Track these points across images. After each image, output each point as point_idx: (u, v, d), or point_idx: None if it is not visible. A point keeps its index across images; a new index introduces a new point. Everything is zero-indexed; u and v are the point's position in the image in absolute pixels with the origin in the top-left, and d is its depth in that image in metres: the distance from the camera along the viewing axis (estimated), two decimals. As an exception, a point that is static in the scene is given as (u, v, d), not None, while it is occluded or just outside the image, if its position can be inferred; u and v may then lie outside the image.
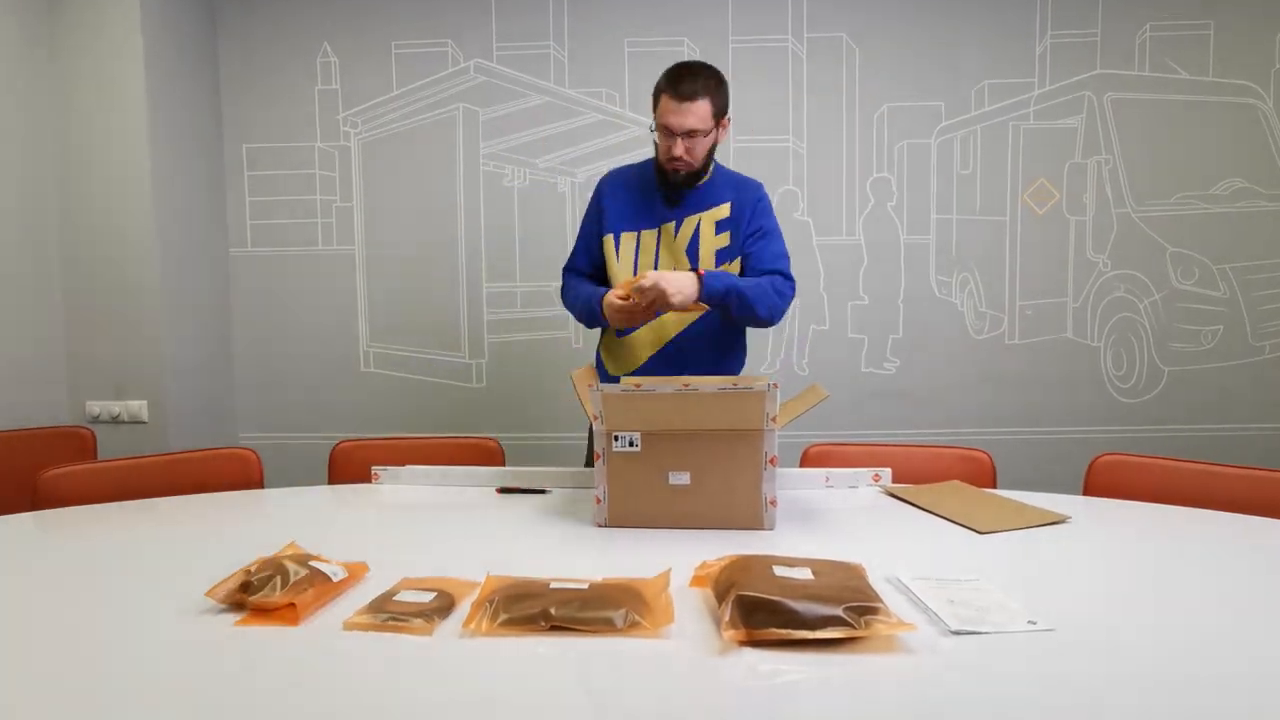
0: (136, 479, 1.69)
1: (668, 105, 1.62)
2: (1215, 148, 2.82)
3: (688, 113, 1.61)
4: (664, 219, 1.74)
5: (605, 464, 1.32)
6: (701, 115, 1.62)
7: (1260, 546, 1.21)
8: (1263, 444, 2.88)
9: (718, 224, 1.73)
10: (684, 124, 1.61)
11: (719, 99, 1.64)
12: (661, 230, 1.74)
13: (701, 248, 1.73)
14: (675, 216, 1.74)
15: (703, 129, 1.63)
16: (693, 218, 1.73)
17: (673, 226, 1.73)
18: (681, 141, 1.63)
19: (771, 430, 1.28)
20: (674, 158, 1.65)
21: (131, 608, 0.97)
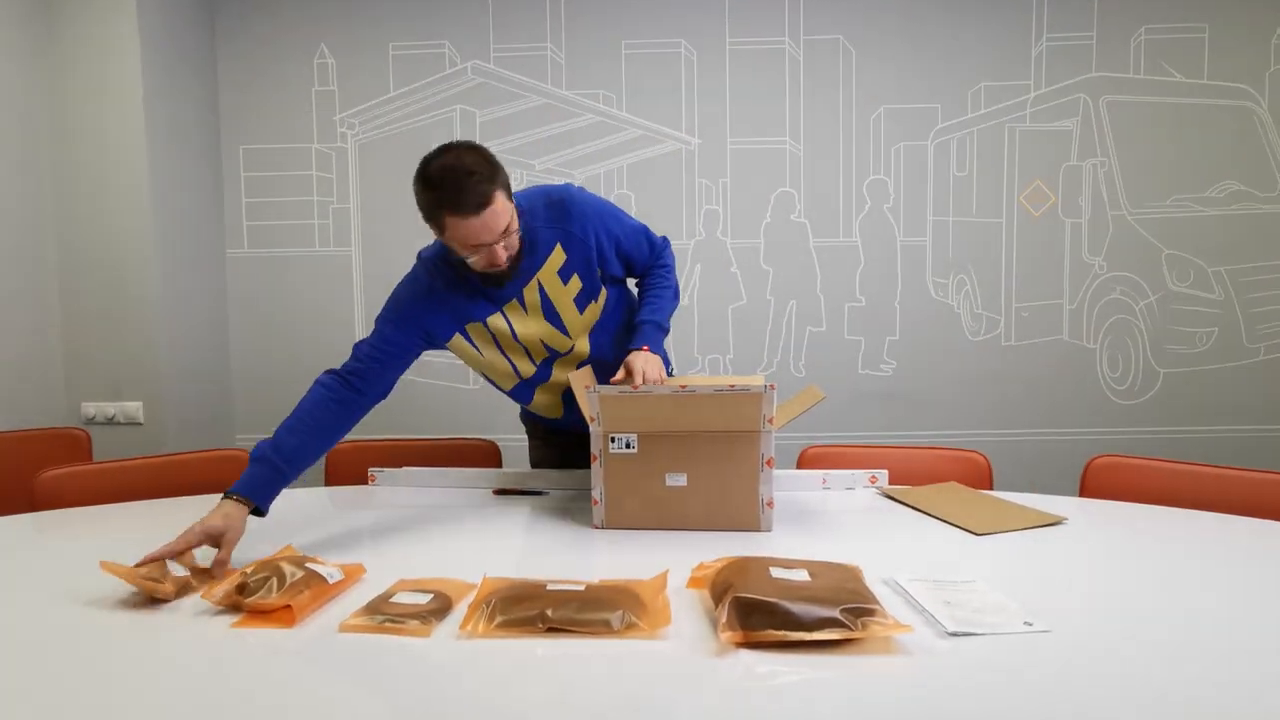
0: (133, 480, 1.68)
1: (459, 225, 1.29)
2: (1210, 150, 2.83)
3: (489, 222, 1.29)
4: (503, 299, 1.47)
5: (602, 466, 1.32)
6: (502, 212, 1.31)
7: (1256, 547, 1.21)
8: (1258, 445, 2.88)
9: (559, 273, 1.47)
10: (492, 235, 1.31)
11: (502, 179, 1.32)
12: (505, 311, 1.48)
13: (557, 305, 1.48)
14: (512, 293, 1.47)
15: (511, 221, 1.33)
16: (531, 282, 1.46)
17: (516, 303, 1.48)
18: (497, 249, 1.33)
19: (768, 432, 1.29)
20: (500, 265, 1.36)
21: (128, 609, 0.97)
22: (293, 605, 0.92)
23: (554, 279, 1.48)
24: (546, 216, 1.47)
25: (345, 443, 2.00)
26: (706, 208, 2.92)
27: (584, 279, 1.49)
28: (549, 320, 1.50)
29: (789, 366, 2.96)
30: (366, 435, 2.83)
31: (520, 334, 1.50)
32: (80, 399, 2.61)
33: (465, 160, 1.30)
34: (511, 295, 1.47)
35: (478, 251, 1.34)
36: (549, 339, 1.51)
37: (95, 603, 0.98)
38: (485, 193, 1.28)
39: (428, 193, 1.33)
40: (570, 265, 1.48)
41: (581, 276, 1.49)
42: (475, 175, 1.28)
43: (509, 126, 2.89)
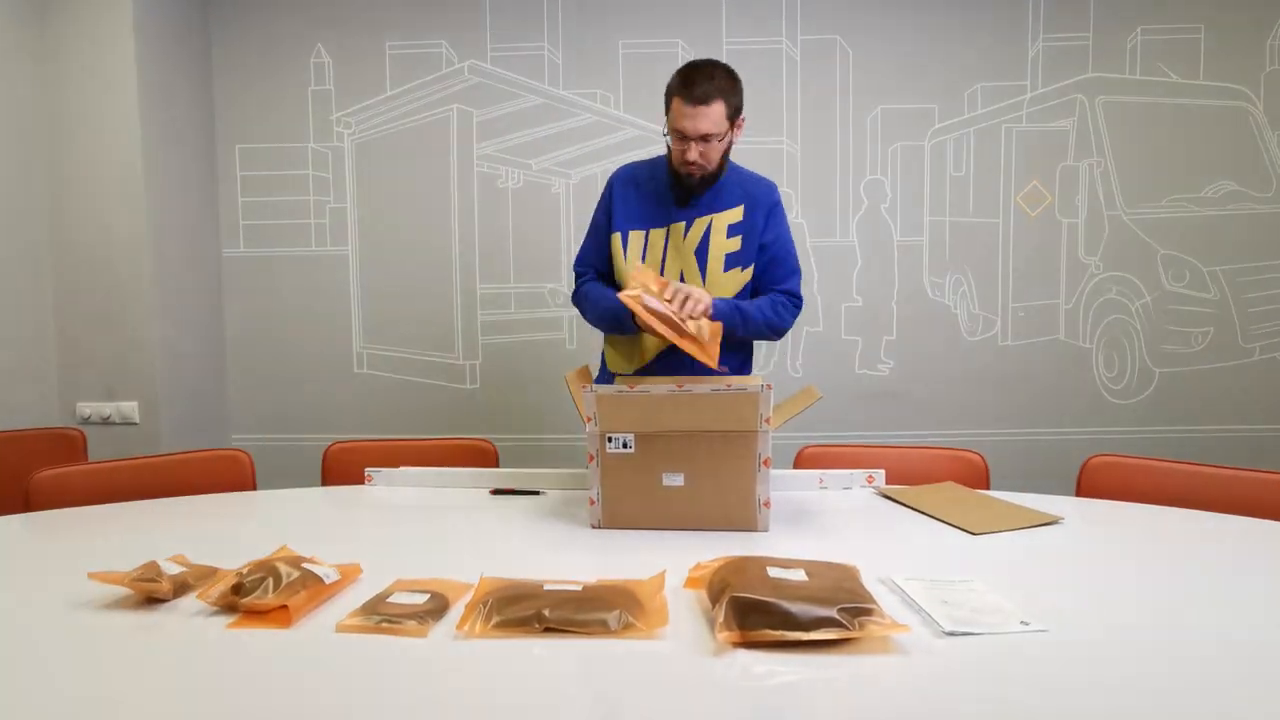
0: (128, 480, 1.68)
1: (680, 109, 1.56)
2: (1206, 151, 2.84)
3: (702, 116, 1.55)
4: (674, 219, 1.68)
5: (599, 465, 1.32)
6: (715, 118, 1.56)
7: (1251, 546, 1.21)
8: (1253, 445, 2.89)
9: (730, 227, 1.67)
10: (698, 128, 1.55)
11: (733, 99, 1.58)
12: (670, 230, 1.68)
13: (711, 250, 1.67)
14: (685, 217, 1.68)
15: (717, 133, 1.57)
16: (704, 219, 1.67)
17: (682, 227, 1.68)
18: (695, 146, 1.57)
19: (765, 431, 1.29)
20: (688, 162, 1.59)
21: (124, 609, 0.96)
22: (289, 606, 0.92)
23: (723, 228, 1.67)
24: (750, 181, 1.72)
25: (341, 443, 2.00)
26: (704, 207, 2.92)
27: (744, 244, 1.67)
28: (697, 257, 1.67)
29: (786, 366, 2.96)
30: (364, 435, 2.83)
31: (669, 259, 1.68)
32: (75, 399, 2.61)
33: (713, 68, 1.57)
34: (682, 219, 1.68)
35: (682, 140, 1.57)
36: (689, 273, 1.68)
37: (91, 603, 0.98)
38: (709, 94, 1.54)
39: (680, 75, 1.58)
40: (740, 226, 1.67)
41: (744, 240, 1.67)
42: (712, 80, 1.55)
43: (506, 126, 2.89)
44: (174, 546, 1.16)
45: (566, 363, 2.92)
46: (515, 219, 2.93)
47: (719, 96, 1.55)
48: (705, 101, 1.54)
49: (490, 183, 2.92)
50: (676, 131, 1.58)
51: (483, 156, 2.91)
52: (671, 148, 1.63)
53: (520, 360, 2.95)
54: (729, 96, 1.57)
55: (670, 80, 1.60)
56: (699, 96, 1.54)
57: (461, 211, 2.92)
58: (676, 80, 1.58)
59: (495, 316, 2.96)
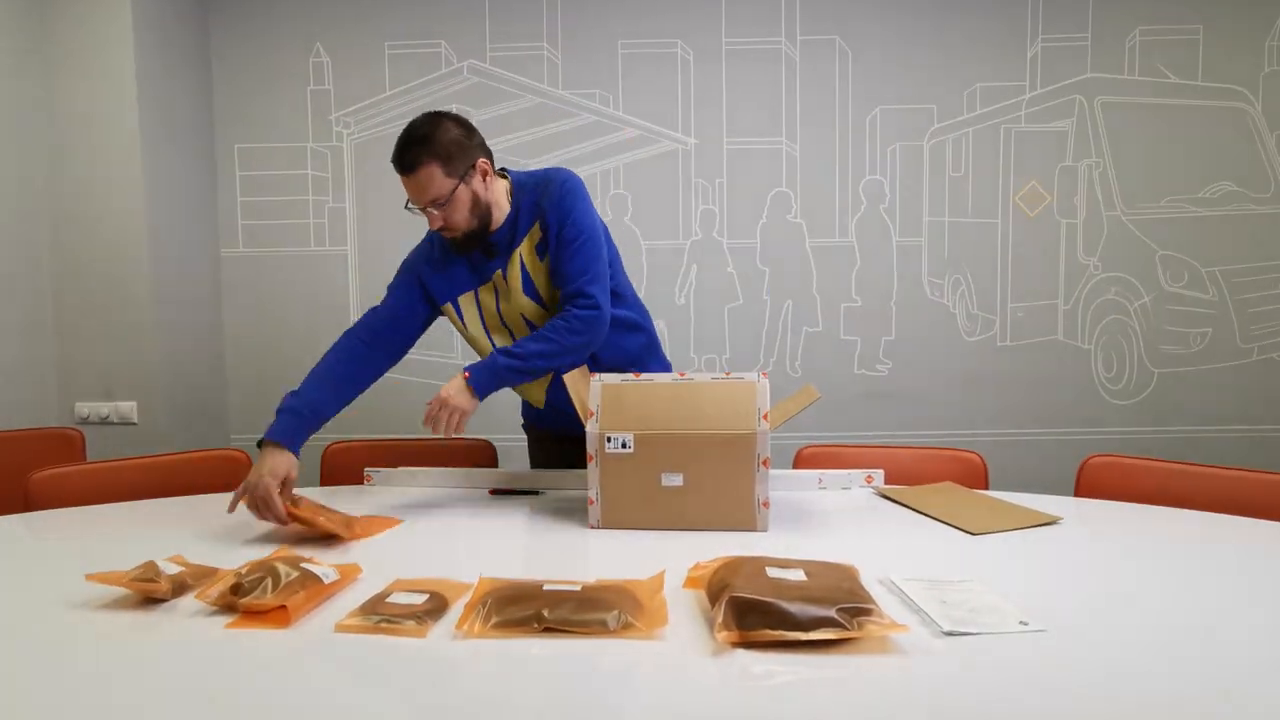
0: (127, 480, 1.68)
1: (402, 182, 1.46)
2: (1204, 151, 2.84)
3: (415, 185, 1.44)
4: (490, 270, 1.55)
5: (598, 465, 1.32)
6: (432, 182, 1.42)
7: (1249, 547, 1.21)
8: (1252, 445, 2.90)
9: (537, 248, 1.52)
10: (418, 199, 1.45)
11: (448, 156, 1.42)
12: (494, 281, 1.56)
13: (535, 281, 1.53)
14: (498, 264, 1.54)
15: (440, 195, 1.43)
16: (512, 256, 1.53)
17: (500, 274, 1.55)
18: (431, 213, 1.46)
19: (764, 432, 1.29)
20: (443, 231, 1.49)
21: (123, 610, 0.96)
22: (288, 606, 0.92)
23: (531, 253, 1.53)
24: (532, 195, 1.54)
25: (340, 442, 2.00)
26: (703, 208, 2.92)
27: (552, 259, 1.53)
28: (529, 296, 1.55)
29: (785, 366, 2.96)
30: (362, 435, 2.83)
31: (504, 310, 1.57)
32: (74, 399, 2.60)
33: (422, 128, 1.44)
34: (497, 268, 1.55)
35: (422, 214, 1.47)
36: (531, 315, 1.56)
37: (89, 603, 0.98)
38: (415, 159, 1.42)
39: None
40: (541, 244, 1.53)
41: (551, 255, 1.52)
42: (416, 142, 1.42)
43: (505, 126, 2.89)
44: (172, 546, 1.16)
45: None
46: (514, 219, 2.93)
47: (426, 160, 1.41)
48: (411, 170, 1.43)
49: (489, 183, 2.92)
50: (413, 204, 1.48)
51: (482, 156, 2.90)
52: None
53: (519, 360, 2.95)
54: (441, 155, 1.42)
55: None
56: (405, 165, 1.43)
57: (460, 211, 2.92)
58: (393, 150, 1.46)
59: (494, 316, 2.96)
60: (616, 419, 1.33)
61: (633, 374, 1.39)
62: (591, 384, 1.36)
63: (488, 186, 1.50)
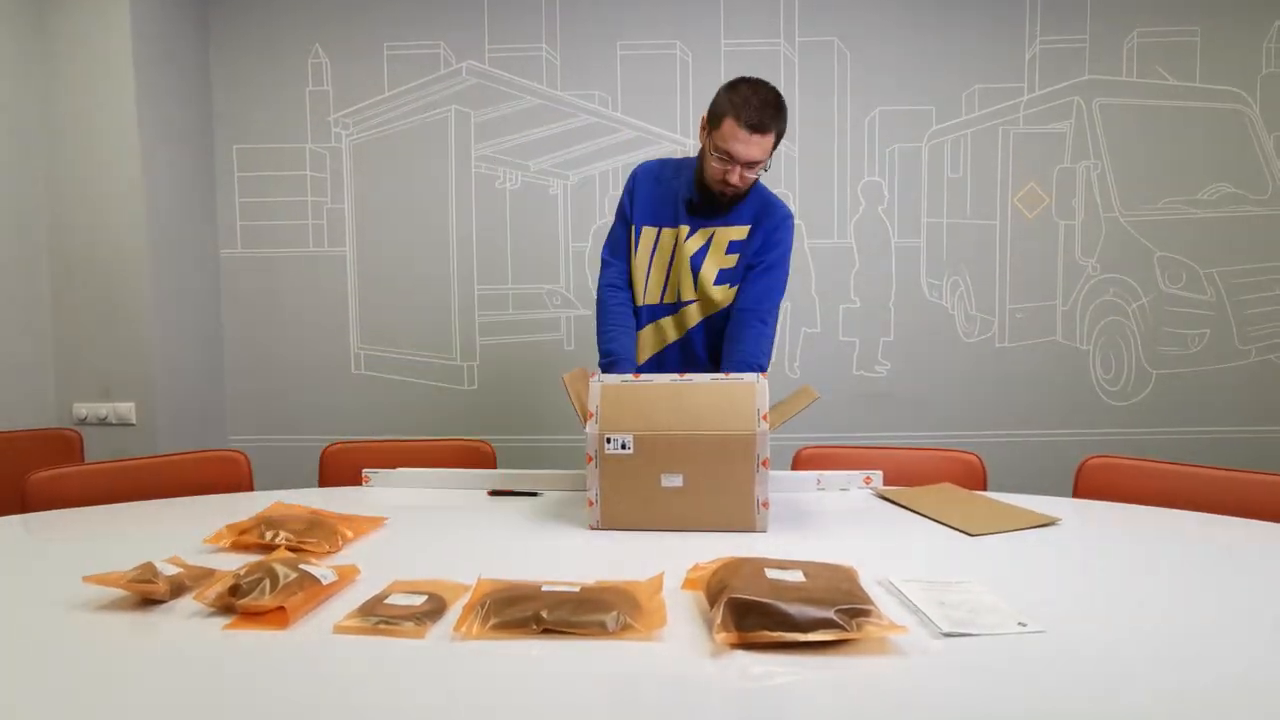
0: (125, 481, 1.67)
1: (734, 132, 1.51)
2: (1202, 153, 2.85)
3: (755, 144, 1.52)
4: (682, 220, 1.68)
5: (598, 466, 1.32)
6: (766, 147, 1.54)
7: (1246, 548, 1.22)
8: (1249, 446, 2.90)
9: (731, 243, 1.67)
10: (749, 155, 1.53)
11: (783, 128, 1.56)
12: (678, 232, 1.68)
13: (706, 261, 1.67)
14: (693, 223, 1.67)
15: (764, 160, 1.56)
16: (708, 229, 1.67)
17: (687, 230, 1.67)
18: (739, 170, 1.55)
19: (764, 432, 1.29)
20: (728, 183, 1.57)
21: (120, 611, 0.96)
22: (286, 607, 0.92)
23: (724, 242, 1.67)
24: (761, 201, 1.70)
25: (339, 443, 2.00)
26: (701, 209, 2.92)
27: (740, 262, 1.68)
28: (692, 263, 1.67)
29: (784, 367, 2.96)
30: (361, 436, 2.82)
31: (675, 258, 1.69)
32: (72, 399, 2.60)
33: (775, 96, 1.53)
34: (689, 224, 1.67)
35: (728, 163, 1.54)
36: (682, 279, 1.69)
37: (87, 605, 0.98)
38: (769, 125, 1.52)
39: (736, 94, 1.52)
40: (739, 245, 1.67)
41: (740, 259, 1.68)
42: (778, 108, 1.53)
43: (504, 127, 2.89)
44: (170, 548, 1.16)
45: (565, 364, 2.92)
46: (513, 220, 2.93)
47: (773, 126, 1.52)
48: (763, 130, 1.51)
49: (488, 184, 2.92)
50: (724, 152, 1.54)
51: (481, 157, 2.90)
52: (709, 162, 1.58)
53: (518, 361, 2.95)
54: (780, 126, 1.54)
55: (724, 95, 1.54)
56: (758, 125, 1.50)
57: (459, 212, 2.92)
58: (733, 102, 1.52)
59: (493, 317, 2.96)
60: (616, 420, 1.33)
61: (632, 375, 1.38)
62: (591, 385, 1.36)
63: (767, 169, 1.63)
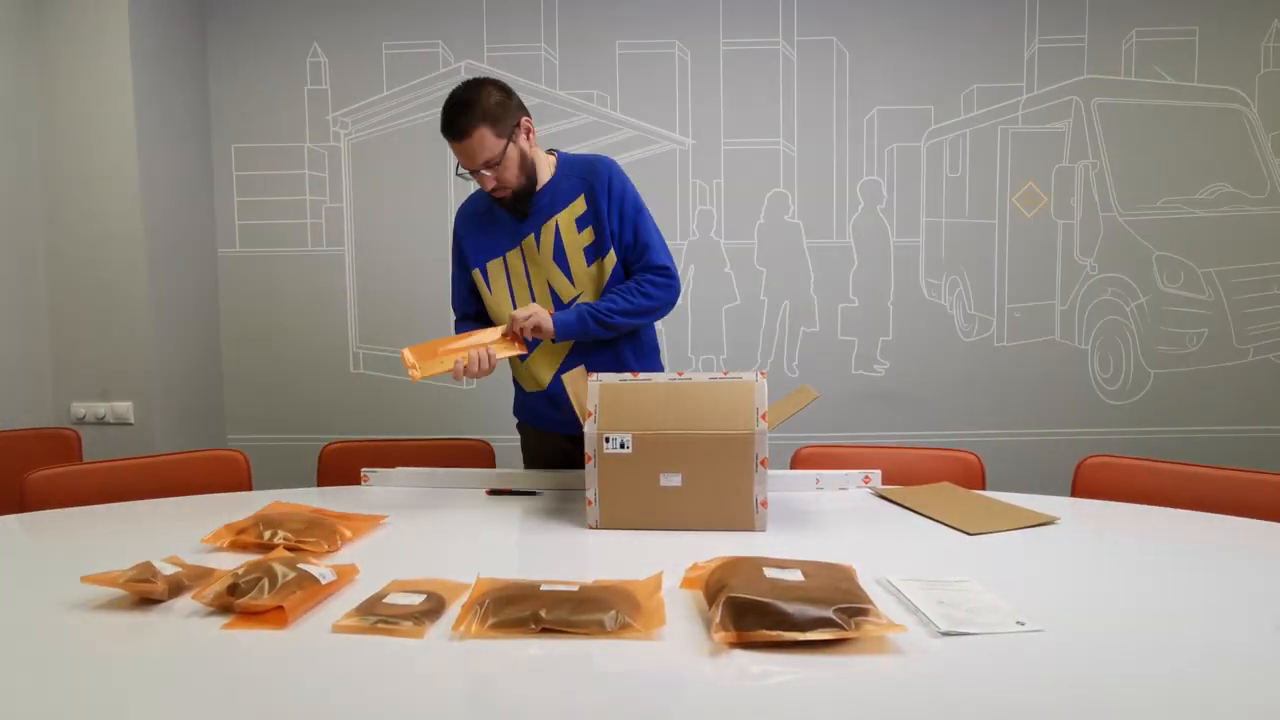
0: (123, 481, 1.67)
1: (451, 147, 1.54)
2: (1201, 152, 2.85)
3: (469, 150, 1.52)
4: (522, 234, 1.64)
5: (596, 466, 1.32)
6: (484, 145, 1.51)
7: (1245, 547, 1.22)
8: (1247, 446, 2.90)
9: (577, 221, 1.63)
10: (472, 160, 1.52)
11: (495, 118, 1.52)
12: (523, 247, 1.64)
13: (568, 251, 1.63)
14: (532, 228, 1.63)
15: (493, 156, 1.52)
16: (549, 223, 1.63)
17: (532, 239, 1.63)
18: (485, 175, 1.54)
19: (762, 432, 1.29)
20: (491, 191, 1.58)
21: (118, 610, 0.96)
22: (285, 606, 0.92)
23: (570, 224, 1.63)
24: (579, 171, 1.67)
25: (337, 443, 2.00)
26: (700, 208, 2.92)
27: (596, 233, 1.63)
28: (557, 263, 1.63)
29: (783, 367, 2.96)
30: (360, 435, 2.82)
31: (533, 275, 1.65)
32: (70, 399, 2.60)
33: (465, 94, 1.52)
34: (529, 231, 1.63)
35: (471, 175, 1.54)
36: (558, 285, 1.65)
37: (85, 604, 0.97)
38: (466, 125, 1.50)
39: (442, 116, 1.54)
40: (586, 217, 1.63)
41: (595, 230, 1.63)
42: (464, 108, 1.50)
43: (503, 126, 2.89)
44: (169, 547, 1.16)
45: (563, 363, 2.92)
46: (512, 219, 2.93)
47: (476, 124, 1.50)
48: (465, 134, 1.50)
49: (487, 183, 2.91)
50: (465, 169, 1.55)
51: (479, 157, 2.90)
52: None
53: (517, 361, 2.95)
54: (488, 119, 1.51)
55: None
56: (456, 132, 1.51)
57: (458, 212, 2.92)
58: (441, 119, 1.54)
59: (492, 317, 2.96)
60: (615, 419, 1.33)
61: (630, 374, 1.39)
62: (589, 384, 1.36)
63: (531, 144, 1.60)
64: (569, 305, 1.64)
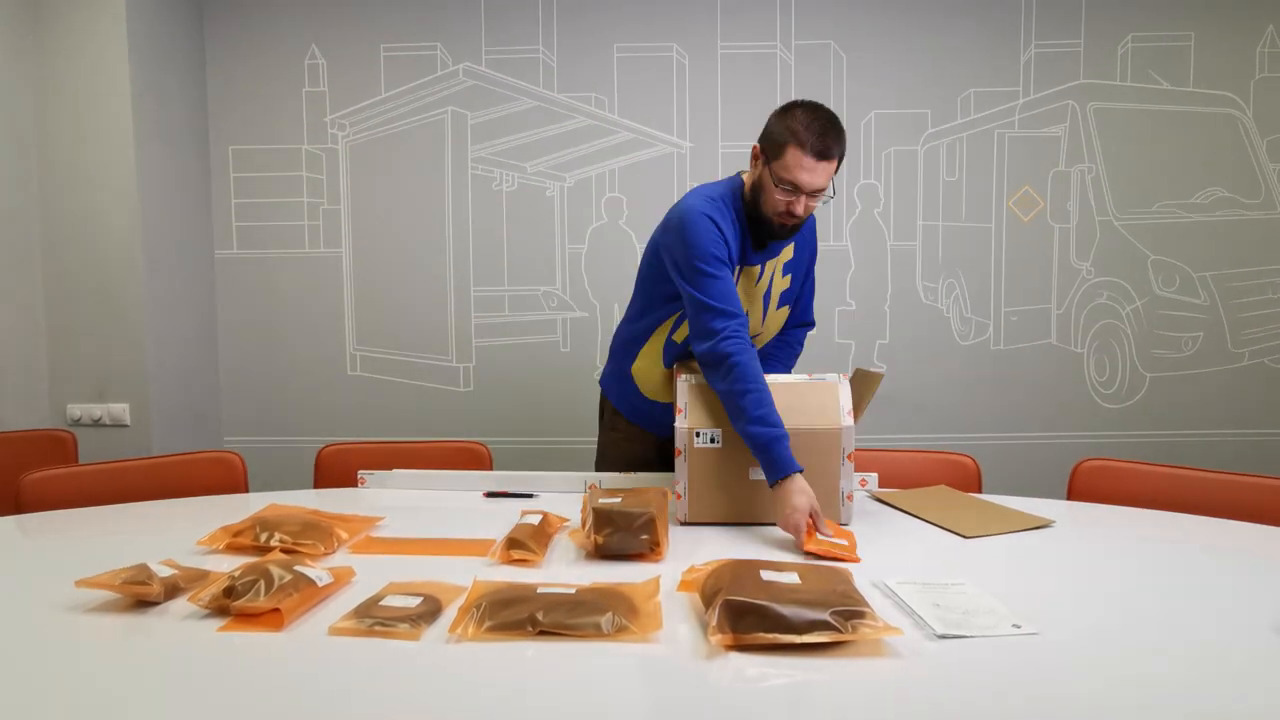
0: (119, 483, 1.67)
1: (799, 161, 1.39)
2: (1196, 157, 2.86)
3: (823, 172, 1.41)
4: (750, 261, 1.57)
5: (686, 460, 1.35)
6: (831, 173, 1.43)
7: (1241, 549, 1.22)
8: (1242, 449, 2.91)
9: (784, 265, 1.64)
10: (817, 183, 1.42)
11: (844, 151, 1.46)
12: (744, 272, 1.57)
13: (772, 292, 1.63)
14: (760, 260, 1.58)
15: (827, 186, 1.44)
16: (773, 261, 1.61)
17: (757, 270, 1.59)
18: (804, 200, 1.44)
19: (849, 428, 1.35)
20: (792, 214, 1.45)
21: (114, 613, 0.96)
22: (281, 608, 0.92)
23: (780, 268, 1.64)
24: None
25: (334, 445, 2.00)
26: (698, 211, 2.92)
27: (793, 281, 1.67)
28: (763, 301, 1.63)
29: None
30: (357, 438, 2.82)
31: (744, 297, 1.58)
32: (66, 400, 2.59)
33: (837, 121, 1.43)
34: (757, 262, 1.59)
35: (793, 193, 1.43)
36: (753, 316, 1.61)
37: (81, 606, 0.97)
38: (834, 149, 1.42)
39: (795, 120, 1.41)
40: (791, 264, 1.66)
41: (793, 278, 1.67)
42: (839, 133, 1.43)
43: (500, 129, 2.89)
44: (165, 549, 1.16)
45: (560, 365, 2.92)
46: (509, 222, 2.93)
47: (838, 151, 1.43)
48: (829, 157, 1.41)
49: (485, 185, 2.92)
50: (789, 182, 1.42)
51: (477, 159, 2.90)
52: (772, 195, 1.45)
53: (514, 363, 2.95)
54: (843, 148, 1.45)
55: (781, 121, 1.44)
56: (824, 151, 1.40)
57: (455, 214, 2.92)
58: (796, 126, 1.40)
59: (489, 319, 2.96)
60: (704, 415, 1.37)
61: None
62: (678, 382, 1.41)
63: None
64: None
